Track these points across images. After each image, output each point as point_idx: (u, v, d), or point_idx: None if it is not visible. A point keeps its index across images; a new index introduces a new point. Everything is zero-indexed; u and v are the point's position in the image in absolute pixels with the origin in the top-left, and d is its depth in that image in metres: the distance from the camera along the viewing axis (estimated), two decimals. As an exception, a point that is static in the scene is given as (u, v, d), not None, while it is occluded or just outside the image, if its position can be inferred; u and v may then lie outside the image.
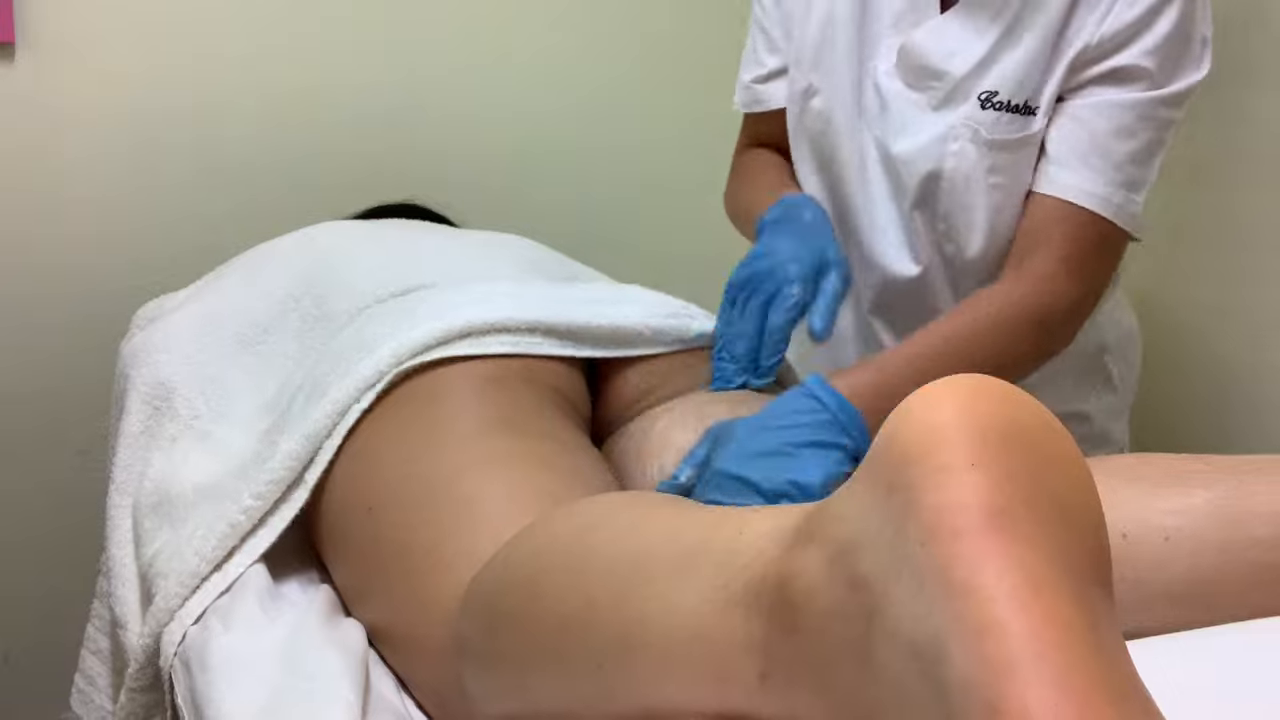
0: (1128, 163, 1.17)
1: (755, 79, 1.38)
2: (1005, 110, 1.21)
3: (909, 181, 1.27)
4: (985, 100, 1.21)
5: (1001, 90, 1.21)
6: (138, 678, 1.09)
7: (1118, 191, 1.17)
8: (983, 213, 1.24)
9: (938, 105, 1.25)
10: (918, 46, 1.25)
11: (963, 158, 1.23)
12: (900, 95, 1.27)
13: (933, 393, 0.57)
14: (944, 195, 1.25)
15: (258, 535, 1.07)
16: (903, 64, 1.26)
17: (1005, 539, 0.52)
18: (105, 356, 1.45)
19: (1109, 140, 1.17)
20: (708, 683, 0.64)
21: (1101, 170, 1.17)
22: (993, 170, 1.22)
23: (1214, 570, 0.80)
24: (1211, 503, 0.82)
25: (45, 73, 1.69)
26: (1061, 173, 1.19)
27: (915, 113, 1.26)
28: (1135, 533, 0.83)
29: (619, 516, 0.77)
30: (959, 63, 1.23)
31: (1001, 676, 0.49)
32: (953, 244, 1.28)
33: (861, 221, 1.32)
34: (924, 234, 1.29)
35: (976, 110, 1.22)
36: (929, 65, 1.24)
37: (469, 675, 0.83)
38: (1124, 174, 1.17)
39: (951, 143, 1.23)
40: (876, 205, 1.30)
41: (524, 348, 1.12)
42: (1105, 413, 1.41)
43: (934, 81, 1.24)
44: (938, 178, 1.25)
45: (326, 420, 1.07)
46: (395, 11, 1.86)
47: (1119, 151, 1.17)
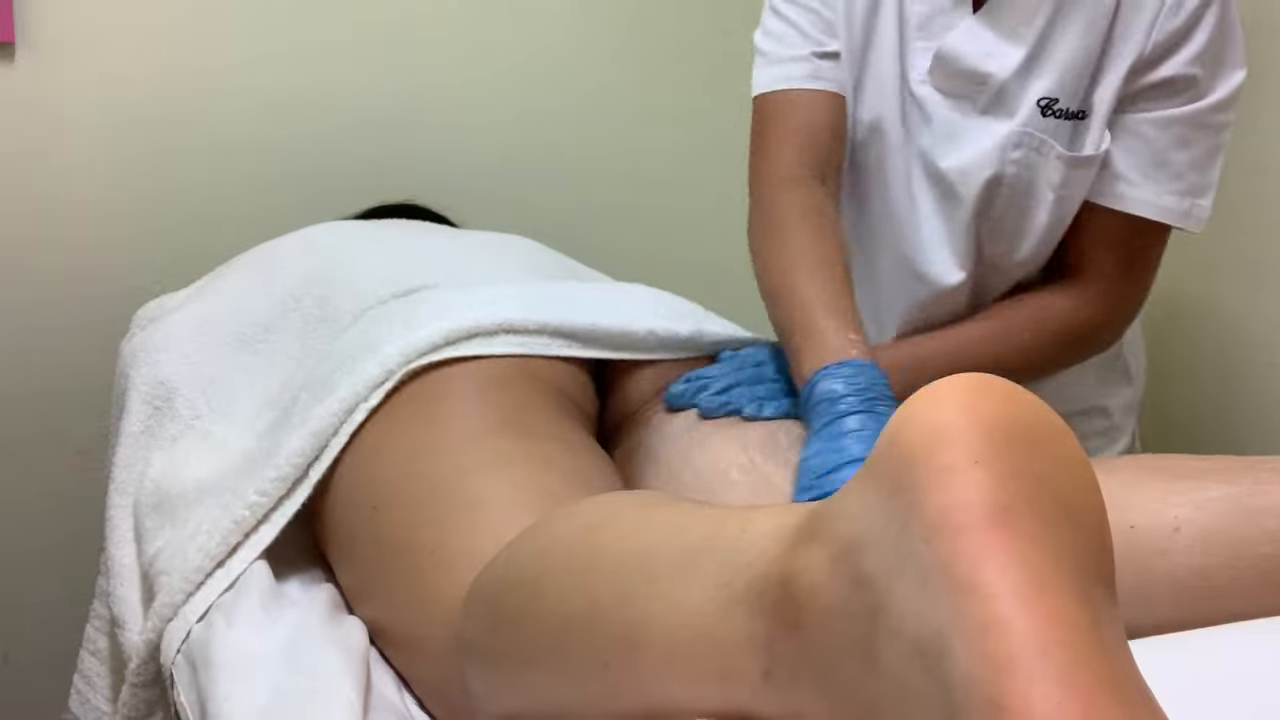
0: (1189, 171, 1.19)
1: (817, 53, 1.23)
2: (1064, 118, 1.19)
3: (966, 193, 1.23)
4: (1045, 108, 1.19)
5: (1060, 97, 1.19)
6: (139, 673, 1.09)
7: (1183, 200, 1.19)
8: (1041, 220, 1.23)
9: (984, 110, 1.22)
10: (954, 50, 1.21)
11: (1025, 166, 1.21)
12: (940, 104, 1.23)
13: (936, 392, 0.57)
14: (1000, 202, 1.23)
15: (260, 531, 1.07)
16: (940, 70, 1.22)
17: (1008, 537, 0.52)
18: (105, 357, 1.45)
19: (1169, 151, 1.18)
20: (711, 681, 0.64)
21: (1163, 181, 1.19)
22: (1063, 184, 1.21)
23: (1224, 563, 0.81)
24: (1226, 497, 0.83)
25: (45, 73, 1.69)
26: (1127, 189, 1.20)
27: (961, 120, 1.22)
28: (1145, 524, 0.83)
29: (622, 516, 0.78)
30: (999, 64, 1.20)
31: (1004, 673, 0.49)
32: (1001, 245, 1.25)
33: (906, 233, 1.27)
34: (972, 241, 1.25)
35: (1036, 118, 1.19)
36: (969, 69, 1.21)
37: (471, 674, 0.83)
38: (1187, 182, 1.19)
39: (1012, 150, 1.20)
40: (922, 217, 1.26)
41: (531, 348, 1.12)
42: (1123, 407, 1.42)
43: (976, 86, 1.21)
44: (998, 184, 1.22)
45: (333, 418, 1.07)
46: (395, 13, 1.86)
47: (1179, 161, 1.18)
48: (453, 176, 1.88)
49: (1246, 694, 0.70)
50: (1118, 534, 0.75)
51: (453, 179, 1.87)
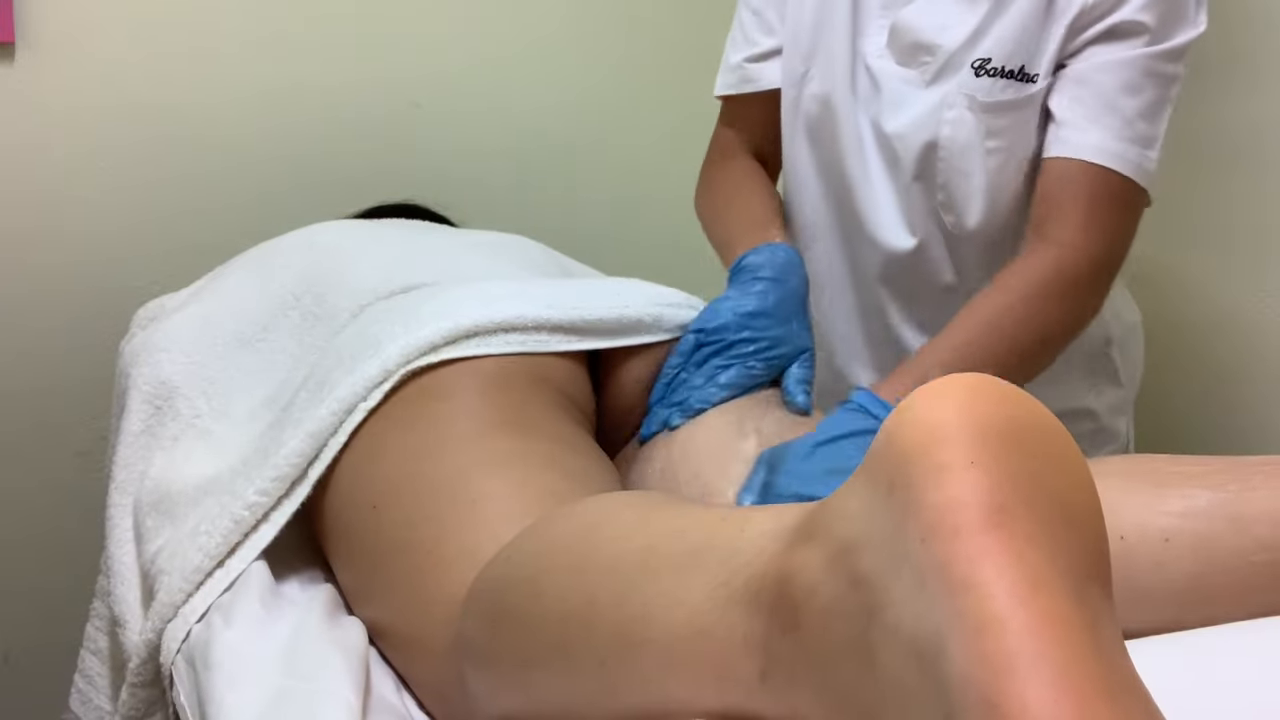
0: (1138, 119, 1.17)
1: (748, 58, 1.37)
2: (1000, 76, 1.20)
3: (905, 155, 1.26)
4: (979, 68, 1.21)
5: (995, 57, 1.20)
6: (139, 673, 1.09)
7: (1131, 148, 1.17)
8: (980, 179, 1.24)
9: (930, 80, 1.25)
10: (908, 23, 1.25)
11: (959, 125, 1.23)
12: (892, 74, 1.27)
13: (932, 391, 0.57)
14: (941, 165, 1.25)
15: (260, 531, 1.07)
16: (894, 43, 1.26)
17: (1005, 536, 0.52)
18: (105, 357, 1.46)
19: (1117, 97, 1.17)
20: (708, 681, 0.65)
21: (1113, 127, 1.17)
22: (990, 134, 1.22)
23: (1215, 571, 0.80)
24: (1214, 504, 0.82)
25: (45, 72, 1.69)
26: (1073, 134, 1.18)
27: (908, 90, 1.26)
28: (1135, 535, 0.82)
29: (621, 515, 0.78)
30: (950, 35, 1.23)
31: (1001, 673, 0.49)
32: (952, 214, 1.27)
33: (859, 199, 1.31)
34: (922, 206, 1.28)
35: (970, 78, 1.22)
36: (920, 41, 1.24)
37: (471, 674, 0.83)
38: (1135, 130, 1.17)
39: (946, 111, 1.23)
40: (874, 183, 1.30)
41: (530, 346, 1.12)
42: (1110, 408, 1.41)
43: (926, 56, 1.24)
44: (934, 147, 1.25)
45: (332, 418, 1.07)
46: (395, 12, 1.86)
47: (1128, 107, 1.17)
48: (453, 175, 1.88)
49: (1243, 694, 0.70)
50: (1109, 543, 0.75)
51: (453, 177, 1.87)
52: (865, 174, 1.30)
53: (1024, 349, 1.15)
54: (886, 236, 1.30)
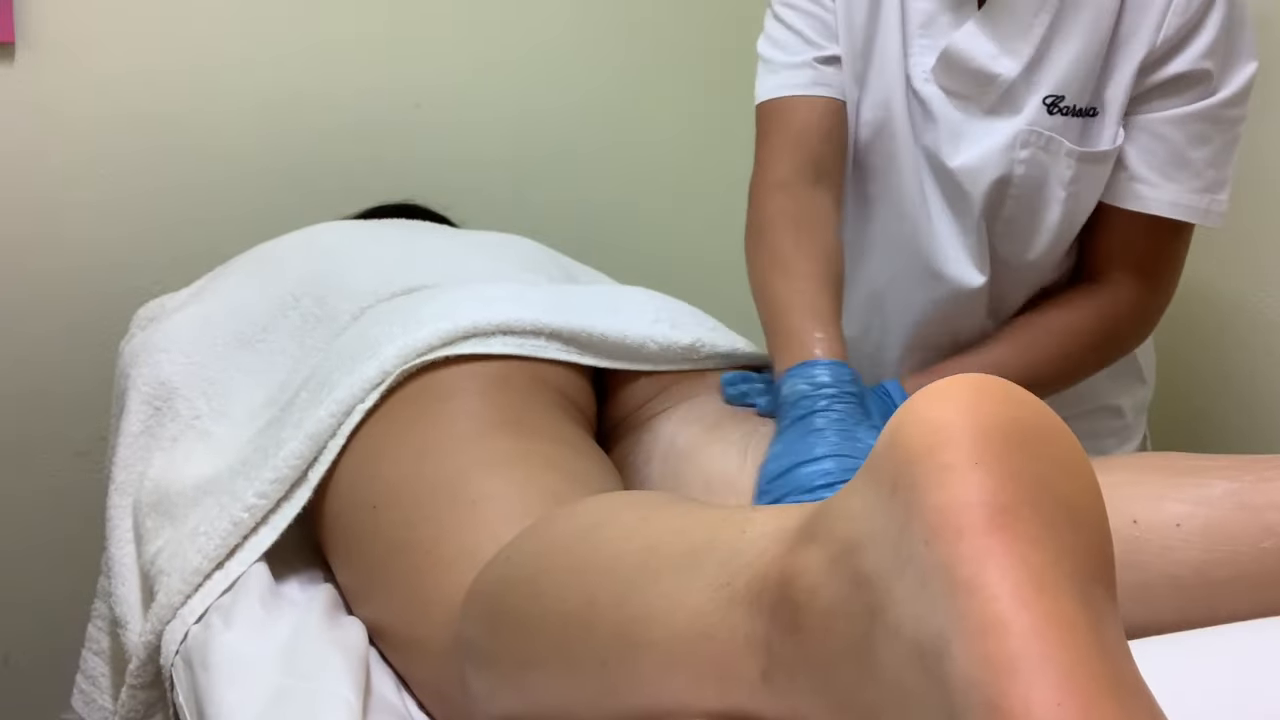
0: (1207, 168, 1.18)
1: (818, 59, 1.23)
2: (1072, 115, 1.19)
3: (973, 191, 1.22)
4: (1052, 105, 1.19)
5: (1067, 95, 1.18)
6: (138, 675, 1.09)
7: (1203, 197, 1.19)
8: (1053, 219, 1.22)
9: (990, 110, 1.21)
10: (961, 49, 1.20)
11: (1034, 165, 1.20)
12: (945, 103, 1.22)
13: (937, 392, 0.57)
14: (1010, 201, 1.22)
15: (260, 533, 1.07)
16: (945, 68, 1.21)
17: (1008, 538, 0.52)
18: (105, 357, 1.45)
19: (1187, 149, 1.18)
20: (710, 681, 0.64)
21: (1184, 181, 1.19)
22: (1074, 180, 1.20)
23: (1225, 558, 0.81)
24: (1227, 492, 0.83)
25: (45, 73, 1.68)
26: (1146, 190, 1.19)
27: (966, 120, 1.22)
28: (1147, 518, 0.83)
29: (621, 516, 0.78)
30: (1007, 64, 1.19)
31: (1004, 675, 0.49)
32: (1013, 245, 1.25)
33: (920, 234, 1.26)
34: (981, 237, 1.25)
35: (1043, 116, 1.19)
36: (977, 69, 1.20)
37: (471, 674, 0.83)
38: (1205, 179, 1.19)
39: (1020, 150, 1.20)
40: (935, 217, 1.25)
41: (528, 350, 1.12)
42: (1136, 406, 1.41)
43: (985, 86, 1.20)
44: (1006, 184, 1.21)
45: (331, 419, 1.07)
46: (395, 13, 1.86)
47: (1197, 159, 1.18)
48: (453, 176, 1.88)
49: (1246, 695, 0.70)
50: (1120, 529, 0.76)
51: (453, 179, 1.87)
52: (925, 207, 1.25)
53: (1049, 383, 1.18)
54: (955, 273, 1.25)
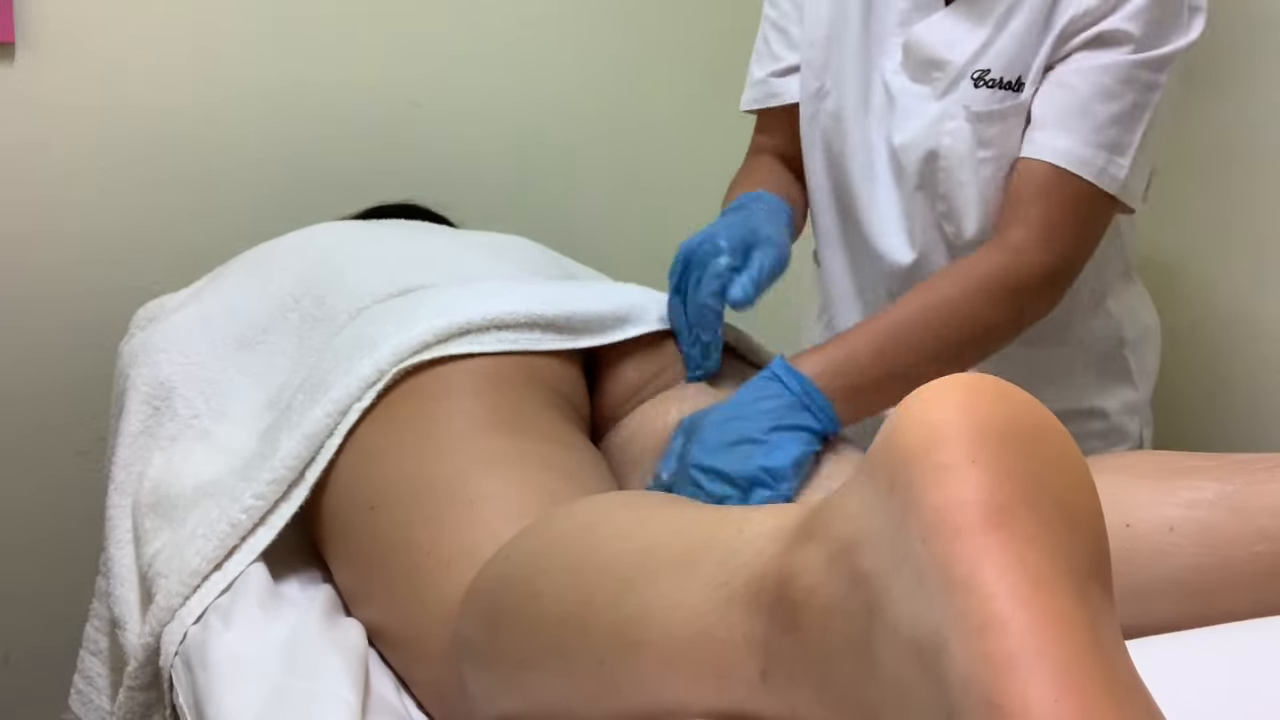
0: (1109, 125, 1.16)
1: (772, 73, 1.38)
2: (997, 87, 1.22)
3: (909, 166, 1.28)
4: (978, 79, 1.23)
5: (994, 69, 1.22)
6: (137, 676, 1.09)
7: (1099, 153, 1.16)
8: (975, 189, 1.25)
9: (940, 94, 1.27)
10: (920, 40, 1.27)
11: (958, 136, 1.24)
12: (906, 90, 1.29)
13: (933, 391, 0.57)
14: (942, 175, 1.26)
15: (258, 534, 1.07)
16: (908, 59, 1.28)
17: (1005, 536, 0.52)
18: (105, 357, 1.45)
19: (1090, 102, 1.17)
20: (708, 681, 0.64)
21: (1081, 131, 1.17)
22: (982, 144, 1.23)
23: (1217, 562, 0.81)
24: (1220, 495, 0.82)
25: (45, 72, 1.68)
26: (1042, 136, 1.19)
27: (919, 104, 1.28)
28: (1140, 522, 0.83)
29: (619, 515, 0.78)
30: (958, 51, 1.25)
31: (1002, 673, 0.49)
32: (952, 224, 1.28)
33: (865, 214, 1.33)
34: (924, 217, 1.30)
35: (970, 89, 1.24)
36: (932, 57, 1.26)
37: (470, 674, 0.83)
38: (1105, 136, 1.16)
39: (948, 121, 1.25)
40: (879, 196, 1.32)
41: (523, 344, 1.12)
42: (1123, 409, 1.40)
43: (936, 72, 1.26)
44: (935, 157, 1.26)
45: (328, 419, 1.07)
46: (395, 12, 1.86)
47: (1100, 113, 1.16)
48: (452, 174, 1.88)
49: (1243, 693, 0.70)
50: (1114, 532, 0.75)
51: (453, 177, 1.87)
52: (872, 188, 1.32)
53: (953, 341, 1.16)
54: (888, 250, 1.32)
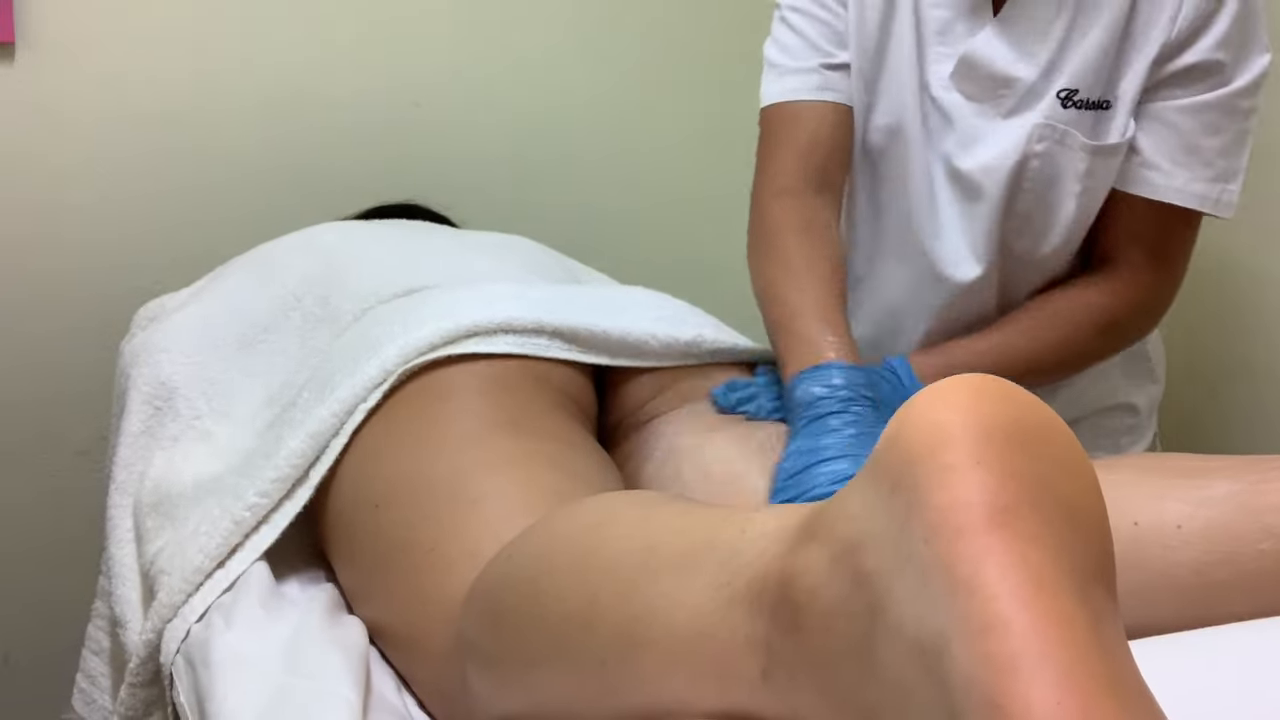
0: (1218, 157, 1.19)
1: (826, 64, 1.24)
2: (1086, 108, 1.19)
3: (990, 188, 1.22)
4: (1066, 99, 1.19)
5: (1081, 89, 1.19)
6: (138, 673, 1.09)
7: (1214, 186, 1.19)
8: (1067, 213, 1.22)
9: (1009, 112, 1.21)
10: (980, 55, 1.21)
11: (1048, 159, 1.20)
12: (963, 107, 1.23)
13: (937, 392, 0.57)
14: (1027, 195, 1.22)
15: (261, 532, 1.07)
16: (965, 75, 1.22)
17: (1008, 537, 0.52)
18: (105, 357, 1.45)
19: (1198, 138, 1.18)
20: (710, 680, 0.64)
21: (1194, 168, 1.19)
22: (1088, 174, 1.21)
23: (1224, 559, 0.81)
24: (1228, 494, 0.83)
25: (45, 73, 1.68)
26: (1158, 176, 1.20)
27: (984, 124, 1.22)
28: (1148, 519, 0.83)
29: (623, 515, 0.78)
30: (1026, 67, 1.20)
31: (1004, 674, 0.49)
32: (1026, 240, 1.25)
33: (926, 236, 1.27)
34: (993, 234, 1.24)
35: (1057, 109, 1.19)
36: (996, 73, 1.21)
37: (472, 674, 0.83)
38: (1216, 169, 1.19)
39: (1035, 144, 1.20)
40: (944, 220, 1.26)
41: (529, 349, 1.12)
42: (1149, 404, 1.42)
43: (1003, 90, 1.21)
44: (1021, 178, 1.22)
45: (333, 419, 1.07)
46: (396, 12, 1.86)
47: (1209, 148, 1.18)
48: (454, 176, 1.88)
49: (1246, 695, 0.70)
50: (1121, 530, 0.76)
51: (454, 179, 1.87)
52: (933, 209, 1.26)
53: (1053, 368, 1.20)
54: (949, 265, 1.26)
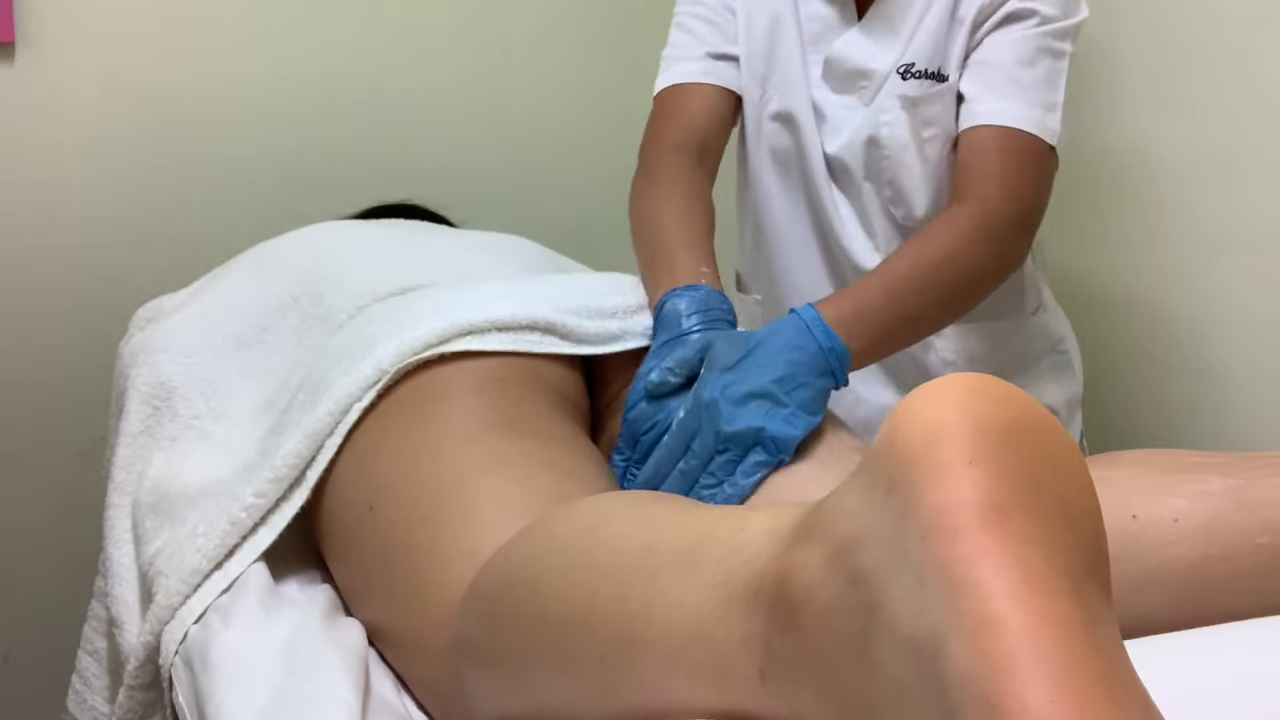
0: (1035, 86, 1.26)
1: (709, 54, 1.38)
2: (924, 78, 1.31)
3: (852, 162, 1.35)
4: (905, 72, 1.31)
5: (917, 62, 1.31)
6: (137, 675, 1.09)
7: (1034, 110, 1.25)
8: (921, 168, 1.33)
9: (869, 101, 1.34)
10: (842, 55, 1.34)
11: (895, 124, 1.32)
12: (833, 103, 1.36)
13: (933, 391, 0.57)
14: (885, 162, 1.34)
15: (259, 533, 1.07)
16: (830, 74, 1.35)
17: (1004, 536, 0.52)
18: (105, 357, 1.45)
19: (1014, 69, 1.27)
20: (708, 680, 0.65)
21: (1013, 94, 1.26)
22: (925, 123, 1.31)
23: (1221, 554, 0.81)
24: (1225, 489, 0.83)
25: (45, 73, 1.69)
26: (980, 106, 1.27)
27: (849, 114, 1.35)
28: (1146, 513, 0.84)
29: (620, 515, 0.78)
30: (881, 60, 1.33)
31: (1000, 672, 0.50)
32: (900, 208, 1.35)
33: (829, 215, 1.38)
34: (875, 205, 1.36)
35: (898, 82, 1.32)
36: (855, 68, 1.34)
37: (470, 674, 0.83)
38: (1035, 95, 1.26)
39: (882, 114, 1.33)
40: (839, 204, 1.38)
41: (523, 345, 1.12)
42: (1070, 404, 1.46)
43: (863, 81, 1.34)
44: (876, 146, 1.33)
45: (329, 419, 1.07)
46: (395, 13, 1.86)
47: (1025, 78, 1.27)
48: (452, 176, 1.88)
49: (1241, 694, 0.70)
50: (1119, 523, 0.76)
51: (452, 179, 1.87)
52: (829, 192, 1.38)
53: (950, 286, 1.21)
54: (855, 253, 1.38)
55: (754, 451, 1.02)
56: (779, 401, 1.04)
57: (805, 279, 1.42)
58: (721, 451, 1.03)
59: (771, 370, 1.05)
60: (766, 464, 1.02)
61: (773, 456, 1.02)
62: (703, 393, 1.05)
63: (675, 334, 1.12)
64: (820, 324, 1.10)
